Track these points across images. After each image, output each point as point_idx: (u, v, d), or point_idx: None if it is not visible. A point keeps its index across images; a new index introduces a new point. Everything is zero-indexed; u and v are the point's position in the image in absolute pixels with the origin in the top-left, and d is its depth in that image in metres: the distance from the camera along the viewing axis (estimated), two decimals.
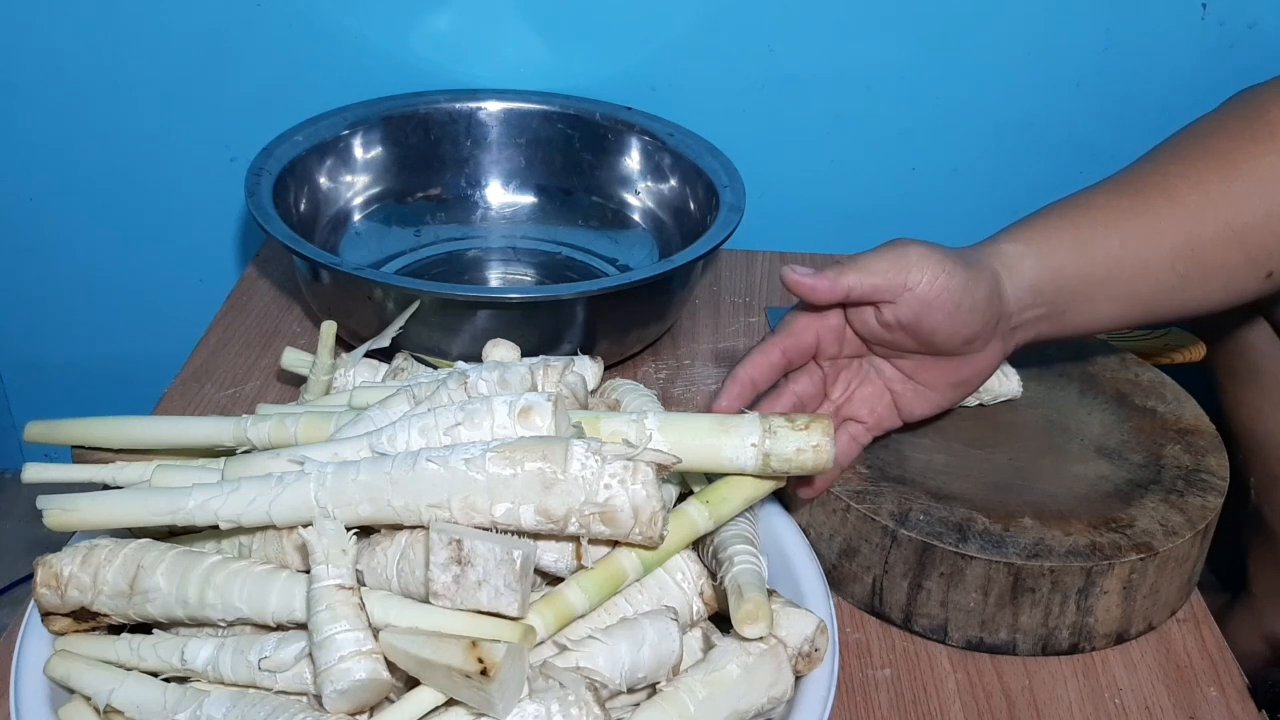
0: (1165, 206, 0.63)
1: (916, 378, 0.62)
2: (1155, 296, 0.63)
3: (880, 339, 0.60)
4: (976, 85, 0.99)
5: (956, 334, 0.58)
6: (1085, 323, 0.63)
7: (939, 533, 0.61)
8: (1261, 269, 0.64)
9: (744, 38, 0.98)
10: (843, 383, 0.63)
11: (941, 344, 0.59)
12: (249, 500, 0.47)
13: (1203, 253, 0.63)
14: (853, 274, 0.57)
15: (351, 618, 0.44)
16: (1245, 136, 0.64)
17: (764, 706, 0.49)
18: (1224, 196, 0.63)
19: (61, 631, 0.50)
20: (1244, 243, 0.63)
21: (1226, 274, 0.64)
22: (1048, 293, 0.61)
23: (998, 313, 0.59)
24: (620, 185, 0.97)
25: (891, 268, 0.57)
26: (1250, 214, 0.62)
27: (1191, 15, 0.95)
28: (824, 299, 0.57)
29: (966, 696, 0.60)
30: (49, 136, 1.04)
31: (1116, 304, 0.63)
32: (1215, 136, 0.65)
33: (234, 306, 0.91)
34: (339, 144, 0.93)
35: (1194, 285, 0.63)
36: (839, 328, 0.61)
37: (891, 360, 0.62)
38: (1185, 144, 0.66)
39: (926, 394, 0.62)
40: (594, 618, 0.49)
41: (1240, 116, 0.65)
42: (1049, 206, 0.64)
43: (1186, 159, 0.64)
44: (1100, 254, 0.61)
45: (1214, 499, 0.65)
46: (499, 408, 0.49)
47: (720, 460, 0.51)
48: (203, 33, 0.98)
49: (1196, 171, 0.63)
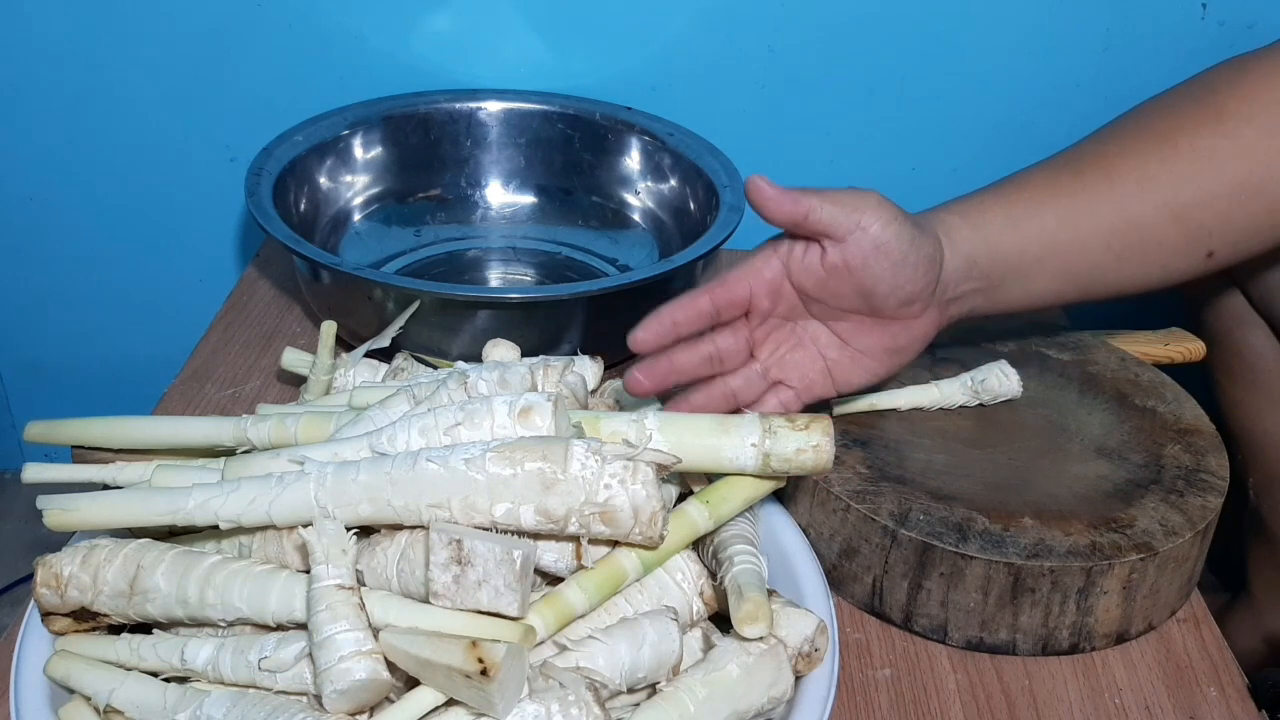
0: (1103, 185, 0.63)
1: (852, 343, 0.61)
2: (1091, 274, 0.63)
3: (820, 289, 0.60)
4: (976, 85, 0.99)
5: (898, 289, 0.58)
6: (1020, 298, 0.64)
7: (939, 533, 0.61)
8: (1201, 249, 0.64)
9: (744, 38, 0.98)
10: (772, 344, 0.62)
11: (881, 299, 0.59)
12: (249, 500, 0.47)
13: (1141, 232, 0.63)
14: (815, 197, 0.57)
15: (351, 618, 0.44)
16: (1191, 117, 0.64)
17: (764, 706, 0.49)
18: (1165, 176, 0.62)
19: (61, 631, 0.50)
20: (1183, 222, 0.63)
21: (1165, 253, 0.63)
22: (983, 265, 0.61)
23: (937, 277, 0.59)
24: (620, 185, 0.97)
25: (850, 203, 0.57)
26: (1190, 193, 0.62)
27: (1191, 15, 0.95)
28: (784, 212, 0.57)
29: (966, 696, 0.60)
30: (49, 136, 1.04)
31: (1052, 280, 0.63)
32: (1160, 117, 0.65)
33: (234, 306, 0.91)
34: (339, 144, 0.93)
35: (1131, 264, 0.63)
36: (775, 282, 0.60)
37: (827, 323, 0.62)
38: (1130, 124, 0.66)
39: (862, 361, 0.62)
40: (594, 618, 0.49)
41: (1190, 98, 0.65)
42: (991, 184, 0.64)
43: (1129, 138, 0.64)
44: (1035, 230, 0.62)
45: (1214, 499, 0.65)
46: (499, 408, 0.49)
47: (720, 460, 0.51)
48: (203, 33, 0.98)
49: (1137, 150, 0.63)
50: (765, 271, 0.60)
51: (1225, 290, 0.83)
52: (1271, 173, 0.62)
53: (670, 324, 0.59)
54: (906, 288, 0.58)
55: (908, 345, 0.62)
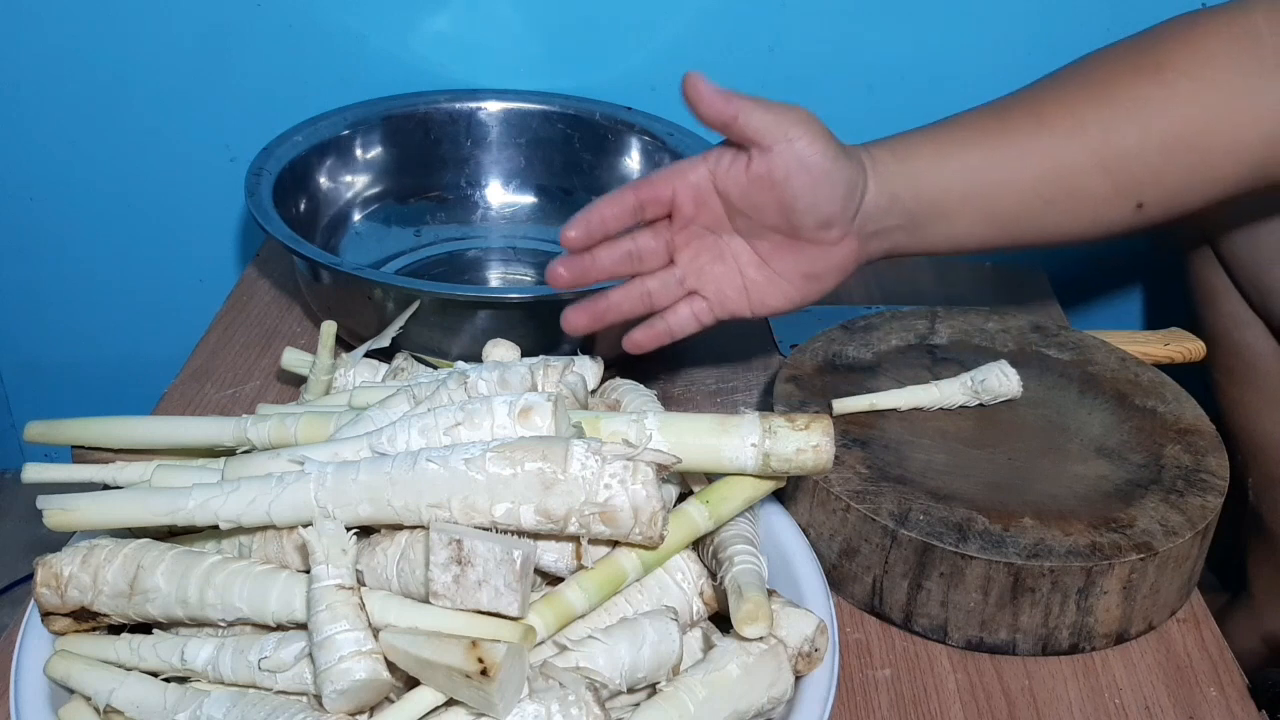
0: (1033, 128, 0.63)
1: (771, 263, 0.62)
2: (1018, 219, 0.63)
3: (743, 199, 0.60)
4: (977, 85, 0.99)
5: (817, 207, 0.59)
6: (944, 239, 0.64)
7: (939, 533, 0.61)
8: (1131, 200, 0.63)
9: (744, 38, 0.98)
10: (692, 252, 0.63)
11: (800, 215, 0.60)
12: (249, 500, 0.47)
13: (1070, 179, 0.62)
14: (747, 101, 0.58)
15: (351, 618, 0.44)
16: (1131, 66, 0.63)
17: (764, 706, 0.49)
18: (1096, 123, 0.62)
19: (61, 631, 0.50)
20: (1113, 171, 0.62)
21: (1094, 203, 0.63)
22: (905, 201, 0.62)
23: (857, 205, 0.60)
24: (620, 185, 0.96)
25: (781, 115, 0.59)
26: (1121, 142, 0.62)
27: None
28: (714, 110, 0.58)
29: (966, 696, 0.60)
30: (49, 136, 1.04)
31: (976, 223, 0.63)
32: (1101, 66, 0.65)
33: (234, 306, 0.91)
34: (339, 144, 0.93)
35: (1060, 212, 0.63)
36: (700, 187, 0.61)
37: (749, 240, 0.62)
38: (1069, 72, 0.66)
39: (779, 284, 0.63)
40: (594, 618, 0.49)
41: (1134, 49, 0.65)
42: (923, 126, 0.65)
43: (1066, 85, 0.64)
44: (959, 168, 0.62)
45: (1214, 499, 0.65)
46: (499, 408, 0.49)
47: (720, 460, 0.51)
48: (203, 33, 0.98)
49: (1072, 98, 0.63)
50: (691, 175, 0.62)
51: (1225, 290, 0.83)
52: (1208, 127, 0.61)
53: (598, 220, 0.61)
54: (824, 208, 0.59)
55: (824, 272, 0.62)
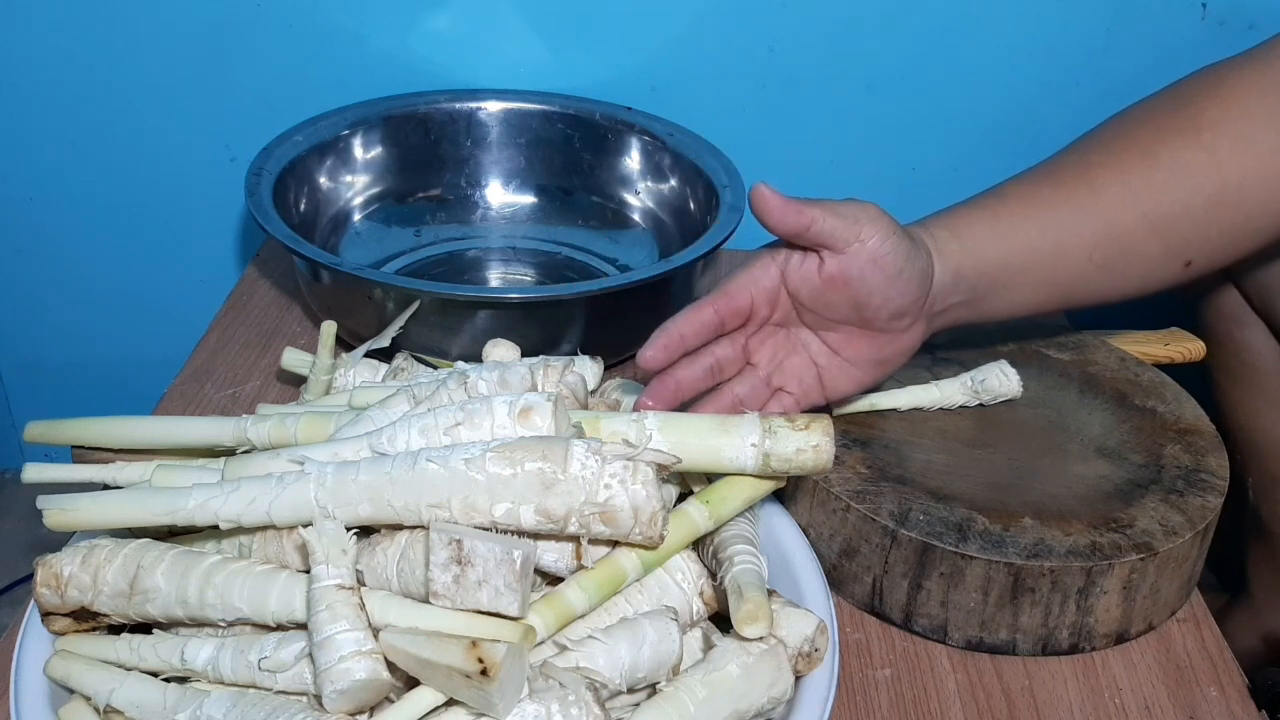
0: (1085, 196, 0.63)
1: (842, 352, 0.62)
2: (1073, 284, 0.64)
3: (815, 298, 0.60)
4: (976, 85, 0.99)
5: (890, 302, 0.59)
6: (1003, 309, 0.65)
7: (939, 533, 0.61)
8: (1180, 258, 0.65)
9: (744, 38, 0.98)
10: (769, 350, 0.63)
11: (874, 311, 0.60)
12: (249, 500, 0.47)
13: (1121, 242, 0.63)
14: (818, 209, 0.57)
15: (351, 618, 0.44)
16: (1170, 128, 0.64)
17: (764, 706, 0.49)
18: (1144, 188, 0.63)
19: (61, 631, 0.50)
20: (1162, 233, 0.63)
21: (1145, 263, 0.64)
22: (969, 279, 0.62)
23: (928, 291, 0.60)
24: (620, 185, 0.97)
25: (851, 215, 0.58)
26: (1169, 205, 0.63)
27: (1191, 15, 0.95)
28: (787, 224, 0.58)
29: (966, 696, 0.60)
30: (49, 136, 1.04)
31: (1034, 291, 0.64)
32: (1141, 127, 0.66)
33: (234, 306, 0.91)
34: (339, 144, 0.93)
35: (1112, 274, 0.64)
36: (774, 290, 0.61)
37: (818, 332, 0.62)
38: (1110, 133, 0.66)
39: (850, 370, 0.63)
40: (594, 618, 0.49)
41: (1168, 106, 0.66)
42: (974, 196, 0.65)
43: (1110, 149, 0.65)
44: (1019, 243, 0.63)
45: (1214, 499, 0.65)
46: (499, 408, 0.49)
47: (720, 460, 0.51)
48: (203, 33, 0.98)
49: (1118, 161, 0.64)
50: (764, 280, 0.61)
51: (1224, 290, 0.83)
52: (1245, 183, 0.63)
53: (678, 338, 0.59)
54: (898, 301, 0.59)
55: (893, 357, 0.63)
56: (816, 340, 0.63)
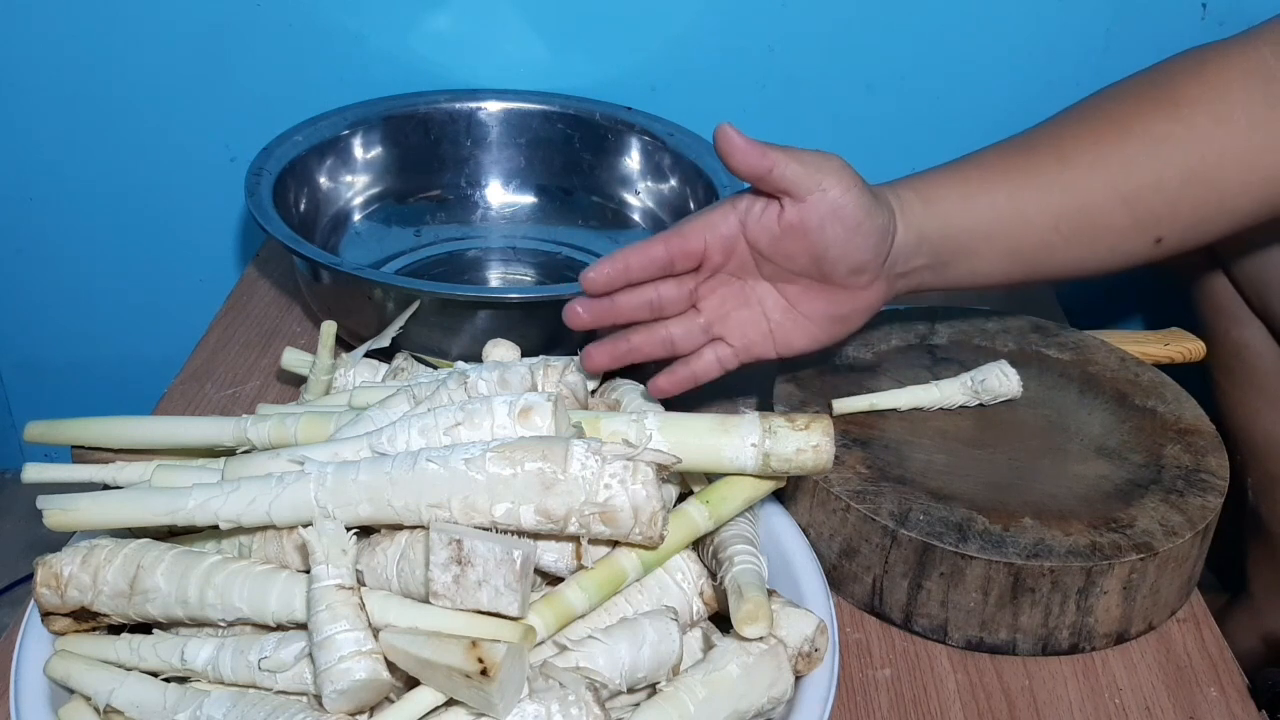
0: (1055, 166, 0.63)
1: (798, 307, 0.62)
2: (1038, 254, 0.64)
3: (774, 248, 0.60)
4: (976, 85, 0.99)
5: (848, 255, 0.59)
6: (967, 276, 0.65)
7: (939, 533, 0.61)
8: (1150, 234, 0.64)
9: (744, 38, 0.98)
10: (718, 299, 0.63)
11: (832, 264, 0.60)
12: (249, 500, 0.47)
13: (1090, 214, 0.63)
14: (781, 154, 0.58)
15: (351, 618, 0.44)
16: (1149, 102, 0.64)
17: (764, 706, 0.49)
18: (1116, 160, 0.63)
19: (61, 631, 0.50)
20: (1132, 206, 0.63)
21: (1114, 236, 0.64)
22: (933, 242, 0.62)
23: (888, 249, 0.61)
24: (620, 185, 0.97)
25: (814, 164, 0.58)
26: (1140, 178, 0.63)
27: (1191, 15, 0.95)
28: (749, 164, 0.58)
29: (966, 696, 0.60)
30: (49, 136, 1.04)
31: (1000, 259, 0.64)
32: (1117, 102, 0.65)
33: (234, 306, 0.91)
34: (339, 144, 0.93)
35: (1080, 246, 0.64)
36: (730, 238, 0.61)
37: (776, 284, 0.62)
38: (1087, 108, 0.66)
39: (805, 326, 0.63)
40: (594, 618, 0.49)
41: (1149, 83, 0.66)
42: (947, 162, 0.65)
43: (1084, 122, 0.65)
44: (985, 208, 0.63)
45: (1214, 499, 0.65)
46: (499, 408, 0.49)
47: (720, 460, 0.51)
48: (202, 33, 0.98)
49: (1091, 134, 0.64)
50: (722, 226, 0.61)
51: (1222, 289, 0.83)
52: (1222, 161, 0.62)
53: (623, 268, 0.59)
54: (857, 255, 0.59)
55: (851, 314, 0.63)
56: (773, 293, 0.62)
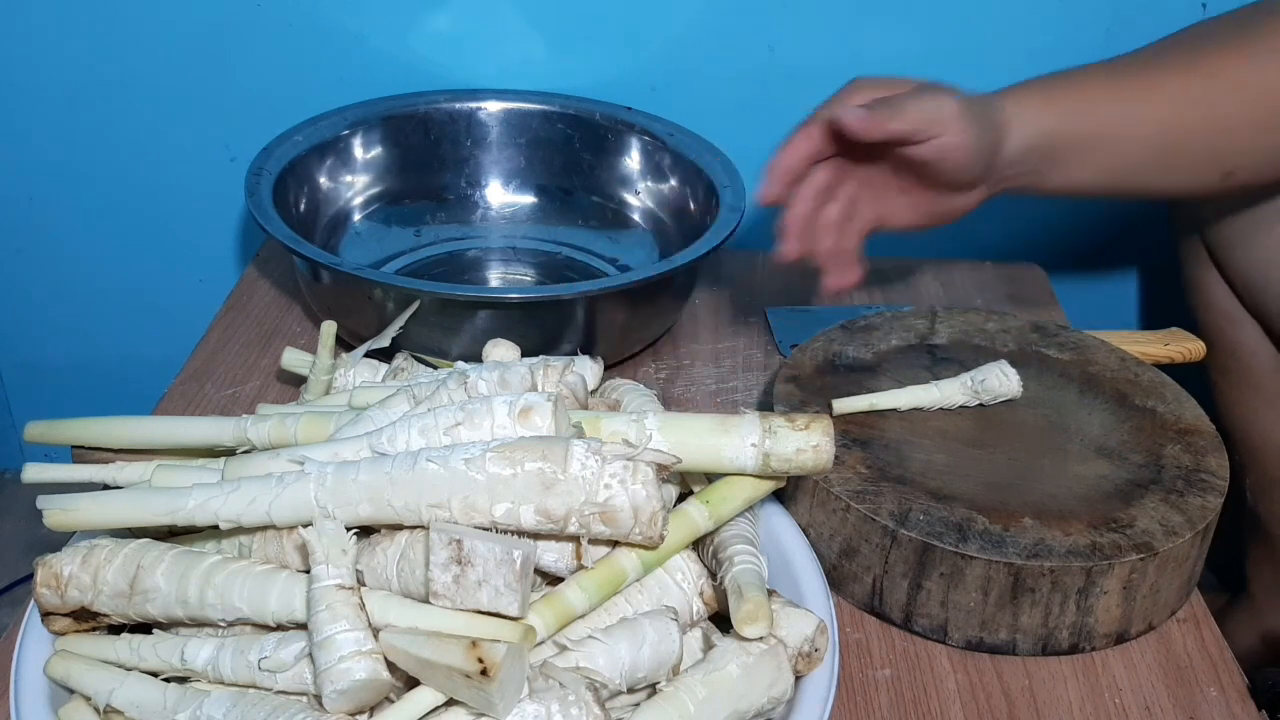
0: (1153, 93, 0.70)
1: (909, 194, 0.71)
2: (1125, 171, 0.71)
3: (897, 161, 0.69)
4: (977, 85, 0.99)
5: (958, 179, 0.68)
6: (1060, 185, 0.71)
7: (939, 533, 0.61)
8: (1222, 166, 0.71)
9: (744, 38, 0.98)
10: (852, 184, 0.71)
11: (943, 184, 0.69)
12: (249, 500, 0.47)
13: (1178, 141, 0.70)
14: (898, 120, 0.65)
15: (351, 618, 0.44)
16: (1232, 46, 0.70)
17: (764, 706, 0.49)
18: (1203, 95, 0.69)
19: (61, 631, 0.50)
20: (1212, 140, 0.70)
21: (1191, 164, 0.71)
22: (1040, 151, 0.69)
23: (994, 166, 0.68)
24: (620, 185, 0.97)
25: (929, 118, 0.65)
26: (1220, 113, 0.69)
27: (1192, 15, 0.95)
28: (871, 137, 0.66)
29: (966, 696, 0.60)
30: (49, 136, 1.04)
31: (1093, 173, 0.70)
32: (1209, 41, 0.71)
33: (234, 306, 0.91)
34: (339, 144, 0.93)
35: (1163, 169, 0.71)
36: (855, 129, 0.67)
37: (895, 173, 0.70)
38: (1186, 41, 0.72)
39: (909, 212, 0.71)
40: (594, 618, 0.49)
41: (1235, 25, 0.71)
42: (1061, 72, 0.71)
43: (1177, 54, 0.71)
44: (1091, 124, 0.69)
45: (1214, 499, 0.65)
46: (499, 408, 0.49)
47: (720, 460, 0.51)
48: (202, 33, 0.98)
49: (1185, 67, 0.70)
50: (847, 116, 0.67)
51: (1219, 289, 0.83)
52: None
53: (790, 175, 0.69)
54: (965, 179, 0.68)
55: (949, 213, 0.71)
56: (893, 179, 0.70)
